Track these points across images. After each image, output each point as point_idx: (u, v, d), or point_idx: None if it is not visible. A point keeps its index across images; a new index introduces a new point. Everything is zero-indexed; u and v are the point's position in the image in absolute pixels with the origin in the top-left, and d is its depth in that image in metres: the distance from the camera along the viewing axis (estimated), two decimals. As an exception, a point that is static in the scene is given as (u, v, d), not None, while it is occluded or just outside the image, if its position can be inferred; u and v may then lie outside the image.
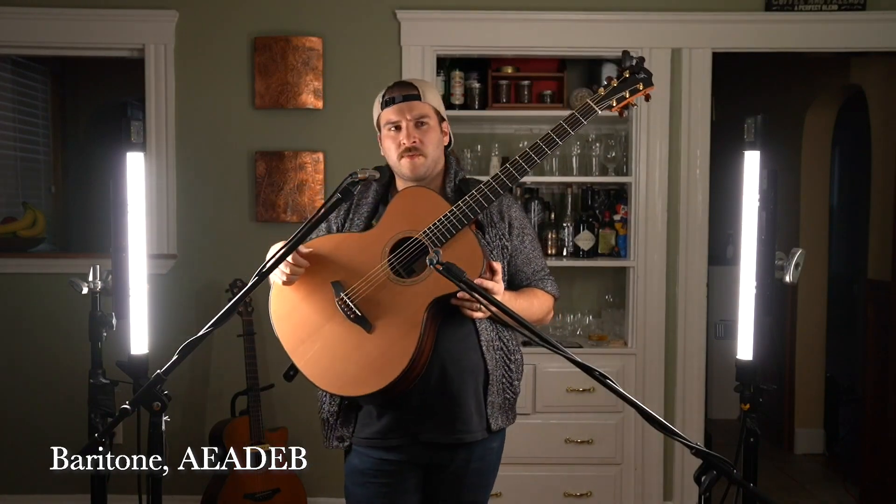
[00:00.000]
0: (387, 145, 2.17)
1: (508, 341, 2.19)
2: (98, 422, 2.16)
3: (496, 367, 2.14)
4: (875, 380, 4.33)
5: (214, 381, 4.03)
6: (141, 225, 2.20)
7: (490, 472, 2.24)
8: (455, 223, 1.99)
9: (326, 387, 2.04)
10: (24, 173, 5.05)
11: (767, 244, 2.08)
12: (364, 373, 1.99)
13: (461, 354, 2.09)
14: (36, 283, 4.04)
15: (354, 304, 2.01)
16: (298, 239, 1.82)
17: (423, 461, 2.14)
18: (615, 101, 2.08)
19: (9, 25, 3.93)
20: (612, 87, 2.08)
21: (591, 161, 4.12)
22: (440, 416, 2.09)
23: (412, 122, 2.13)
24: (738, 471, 1.48)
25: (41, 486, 3.98)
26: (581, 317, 4.19)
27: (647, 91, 2.10)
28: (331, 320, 2.04)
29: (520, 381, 2.23)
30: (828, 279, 5.23)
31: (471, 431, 2.12)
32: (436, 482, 2.18)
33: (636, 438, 3.94)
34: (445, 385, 2.07)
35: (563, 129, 2.04)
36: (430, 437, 2.10)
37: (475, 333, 2.12)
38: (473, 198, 2.01)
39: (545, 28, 3.94)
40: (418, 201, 2.07)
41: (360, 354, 2.00)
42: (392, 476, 2.13)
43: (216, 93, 3.99)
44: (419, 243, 2.01)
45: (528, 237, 2.24)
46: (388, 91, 2.17)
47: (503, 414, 2.19)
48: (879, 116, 4.45)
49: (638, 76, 2.09)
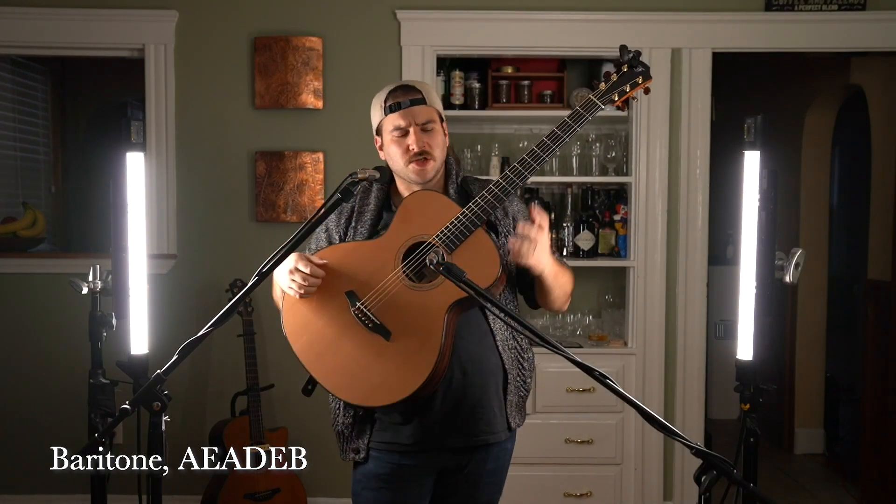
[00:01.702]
0: (392, 151, 2.12)
1: (521, 340, 2.18)
2: (98, 422, 2.16)
3: (512, 366, 2.14)
4: (875, 380, 4.33)
5: (214, 381, 4.03)
6: (141, 225, 2.20)
7: (504, 472, 2.23)
8: (468, 224, 1.98)
9: (351, 399, 2.01)
10: (24, 173, 5.05)
11: (767, 244, 2.08)
12: (388, 382, 1.97)
13: (481, 356, 2.09)
14: (36, 283, 4.04)
15: (372, 313, 1.99)
16: (299, 239, 1.81)
17: (440, 465, 2.13)
18: (616, 96, 2.09)
19: (9, 25, 3.93)
20: (613, 81, 2.09)
21: (591, 161, 4.12)
22: (465, 419, 2.07)
23: (419, 126, 2.10)
24: (738, 471, 1.48)
25: (41, 486, 3.98)
26: (581, 317, 4.19)
27: (646, 84, 2.11)
28: (348, 331, 2.00)
29: (532, 380, 2.23)
30: (828, 279, 5.23)
31: (495, 432, 2.12)
32: (451, 484, 2.16)
33: (636, 438, 3.94)
34: (468, 388, 2.06)
35: (568, 126, 2.04)
36: (456, 442, 2.08)
37: (491, 334, 2.11)
38: (484, 198, 1.99)
39: (545, 28, 3.94)
40: (427, 205, 2.05)
41: (381, 363, 1.98)
42: (408, 480, 2.12)
43: (216, 93, 3.99)
44: (433, 247, 1.99)
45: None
46: (390, 95, 2.12)
47: (520, 413, 2.20)
48: (879, 116, 4.45)
49: (636, 70, 2.10)
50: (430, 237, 1.99)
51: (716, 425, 5.14)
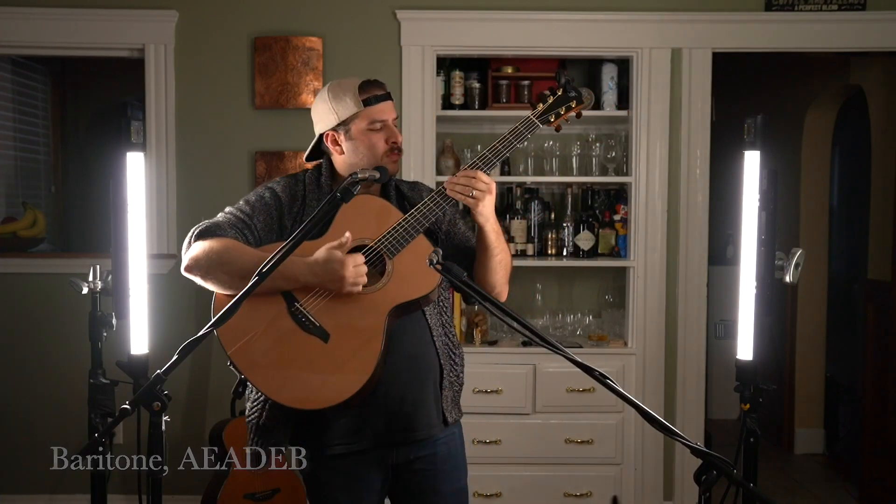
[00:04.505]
0: (367, 143, 2.11)
1: (453, 336, 2.20)
2: (98, 422, 2.16)
3: (446, 360, 2.15)
4: (875, 380, 4.33)
5: (214, 381, 4.03)
6: (141, 225, 2.21)
7: (461, 456, 2.23)
8: (410, 231, 2.01)
9: (284, 401, 1.96)
10: (24, 173, 5.05)
11: (767, 244, 2.08)
12: (325, 385, 1.94)
13: (420, 353, 2.10)
14: (36, 283, 4.04)
15: (310, 315, 1.98)
16: (298, 239, 1.81)
17: (388, 461, 2.12)
18: (553, 117, 2.18)
19: (9, 25, 3.93)
20: (549, 103, 2.18)
21: (591, 161, 4.12)
22: (400, 415, 2.07)
23: (392, 121, 2.15)
24: (738, 471, 1.48)
25: (41, 486, 3.98)
26: (581, 317, 4.19)
27: (578, 109, 2.20)
28: (284, 332, 1.96)
29: (464, 374, 2.24)
30: (828, 279, 5.23)
31: (432, 426, 2.12)
32: (407, 481, 2.16)
33: (636, 438, 3.94)
34: (408, 385, 2.07)
35: (508, 141, 2.13)
36: (391, 439, 2.08)
37: (428, 329, 2.12)
38: (426, 206, 2.03)
39: (545, 28, 3.94)
40: (369, 208, 2.06)
41: (318, 366, 1.95)
42: (357, 481, 2.11)
43: (216, 93, 3.99)
44: (375, 251, 2.00)
45: (459, 219, 2.25)
46: (366, 89, 2.13)
47: (455, 407, 2.20)
48: (879, 116, 4.45)
49: (570, 94, 2.19)
50: (371, 241, 2.01)
51: (716, 425, 5.14)
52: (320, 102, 2.17)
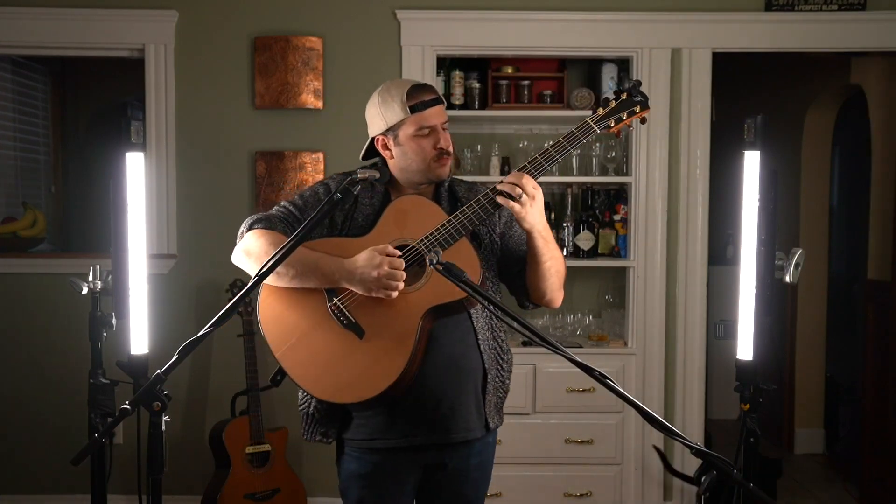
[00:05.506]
0: (415, 148, 2.10)
1: (502, 341, 2.19)
2: (98, 422, 2.16)
3: (492, 365, 2.15)
4: (875, 380, 4.33)
5: (214, 381, 4.03)
6: (141, 225, 2.20)
7: (489, 466, 2.25)
8: (452, 233, 2.00)
9: (316, 393, 2.03)
10: (24, 173, 5.05)
11: (767, 244, 2.08)
12: (355, 380, 1.98)
13: (461, 355, 2.09)
14: (36, 283, 4.04)
15: (347, 311, 2.01)
16: (298, 240, 1.82)
17: (422, 462, 2.14)
18: (613, 122, 2.12)
19: (9, 25, 3.93)
20: (611, 107, 2.12)
21: (591, 161, 4.12)
22: (437, 417, 2.08)
23: (441, 125, 2.13)
24: (738, 471, 1.48)
25: (41, 486, 3.98)
26: (581, 317, 4.19)
27: (643, 114, 2.14)
28: (321, 325, 2.02)
29: (510, 381, 2.24)
30: (828, 279, 5.23)
31: (471, 430, 2.12)
32: (437, 481, 2.17)
33: (636, 438, 3.94)
34: (445, 386, 2.06)
35: (562, 146, 2.07)
36: (425, 440, 2.09)
37: (473, 332, 2.11)
38: (472, 209, 2.01)
39: (545, 28, 3.94)
40: (417, 209, 2.07)
41: (351, 361, 1.99)
42: (390, 478, 2.13)
43: (216, 93, 3.99)
44: (416, 251, 2.01)
45: (515, 222, 2.21)
46: (414, 94, 2.10)
47: (498, 413, 2.20)
48: (879, 116, 4.44)
49: (635, 99, 2.13)
50: (414, 241, 2.01)
51: (716, 425, 5.14)
52: (371, 106, 2.17)
